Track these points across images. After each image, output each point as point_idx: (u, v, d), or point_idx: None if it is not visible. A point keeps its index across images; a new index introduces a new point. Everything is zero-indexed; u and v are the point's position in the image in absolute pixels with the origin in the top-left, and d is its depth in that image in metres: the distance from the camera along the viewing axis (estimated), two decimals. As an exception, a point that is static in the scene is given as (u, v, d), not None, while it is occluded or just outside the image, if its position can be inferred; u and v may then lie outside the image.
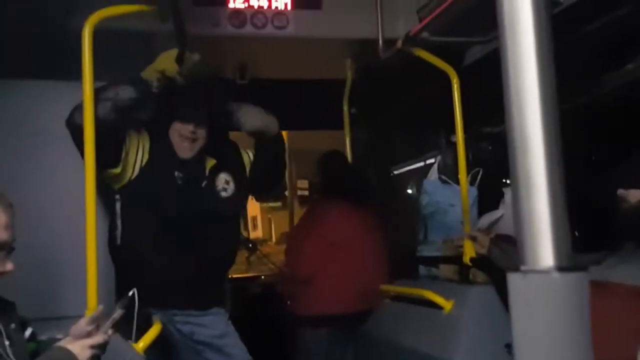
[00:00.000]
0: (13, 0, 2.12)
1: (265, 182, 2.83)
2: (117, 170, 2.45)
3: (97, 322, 1.73)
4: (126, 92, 2.26)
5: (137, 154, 2.50)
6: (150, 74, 2.31)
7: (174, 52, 2.28)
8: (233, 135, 2.91)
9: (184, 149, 2.55)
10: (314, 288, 3.22)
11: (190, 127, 2.53)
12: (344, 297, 3.17)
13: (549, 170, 0.68)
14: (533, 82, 0.69)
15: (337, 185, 3.35)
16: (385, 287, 3.14)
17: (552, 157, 0.68)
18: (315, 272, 3.22)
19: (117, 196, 2.49)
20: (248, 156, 2.77)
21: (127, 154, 2.47)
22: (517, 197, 0.69)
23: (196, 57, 2.36)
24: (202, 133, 2.56)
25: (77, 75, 2.11)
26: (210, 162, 2.64)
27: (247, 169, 2.75)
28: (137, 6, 2.16)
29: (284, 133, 3.04)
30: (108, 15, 2.10)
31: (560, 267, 0.67)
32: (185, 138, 2.54)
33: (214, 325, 2.62)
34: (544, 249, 0.68)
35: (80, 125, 2.12)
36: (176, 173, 2.54)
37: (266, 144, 2.70)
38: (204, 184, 2.60)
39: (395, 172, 4.41)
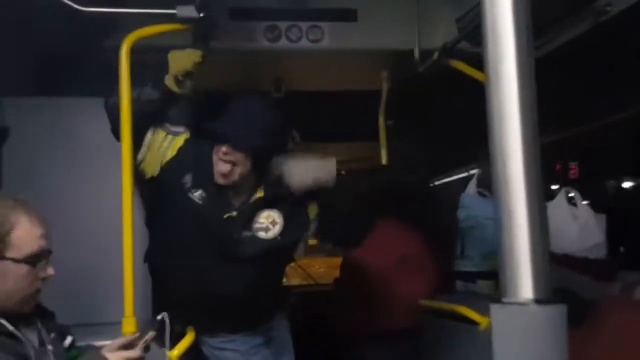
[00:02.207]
0: (58, 24, 2.26)
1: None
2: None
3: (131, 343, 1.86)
4: (146, 95, 2.23)
5: (159, 150, 2.34)
6: (169, 78, 2.28)
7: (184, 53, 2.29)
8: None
9: (218, 172, 2.29)
10: (381, 302, 3.26)
11: (223, 148, 2.27)
12: (408, 311, 3.21)
13: (530, 208, 0.73)
14: (515, 126, 0.75)
15: (394, 202, 3.37)
16: (423, 302, 3.18)
17: (533, 194, 0.74)
18: (384, 285, 3.26)
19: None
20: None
21: (149, 148, 2.34)
22: (499, 231, 0.75)
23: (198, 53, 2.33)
24: (240, 158, 2.27)
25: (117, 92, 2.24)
26: (259, 194, 2.38)
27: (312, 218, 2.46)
28: (173, 25, 2.28)
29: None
30: (145, 34, 2.22)
31: (539, 300, 0.72)
32: (219, 159, 2.28)
33: (240, 348, 2.51)
34: (523, 281, 0.73)
35: (110, 107, 2.21)
36: (200, 191, 2.32)
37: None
38: (234, 214, 2.35)
39: (434, 184, 4.45)
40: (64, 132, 2.52)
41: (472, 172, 4.21)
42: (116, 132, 2.22)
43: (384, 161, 3.61)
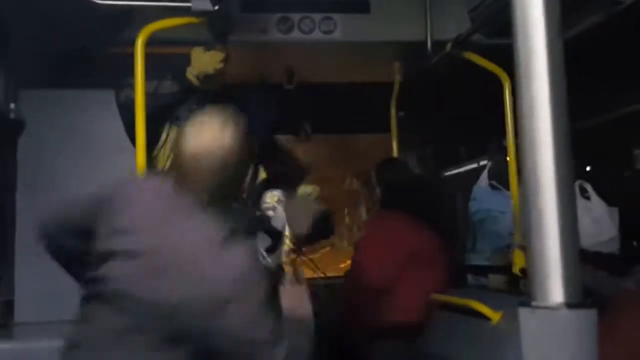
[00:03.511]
0: (75, 17, 2.28)
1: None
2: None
3: None
4: (165, 88, 2.32)
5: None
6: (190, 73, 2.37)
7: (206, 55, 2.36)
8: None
9: None
10: (390, 297, 3.28)
11: None
12: (418, 306, 3.22)
13: (561, 208, 0.74)
14: (546, 125, 0.76)
15: (405, 195, 3.38)
16: (434, 296, 3.19)
17: (564, 194, 0.75)
18: (393, 280, 3.28)
19: None
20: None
21: (163, 144, 2.47)
22: (529, 234, 0.76)
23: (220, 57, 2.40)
24: None
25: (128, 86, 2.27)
26: (263, 175, 2.59)
27: None
28: (188, 18, 2.30)
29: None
30: (160, 28, 2.24)
31: (570, 304, 0.74)
32: None
33: None
34: (553, 284, 0.74)
35: (122, 104, 2.26)
36: None
37: None
38: (244, 196, 2.47)
39: (445, 175, 4.45)
40: (79, 125, 2.55)
41: (482, 163, 4.24)
42: (130, 130, 2.24)
43: (395, 153, 3.64)
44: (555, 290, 0.74)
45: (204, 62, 2.32)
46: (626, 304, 2.06)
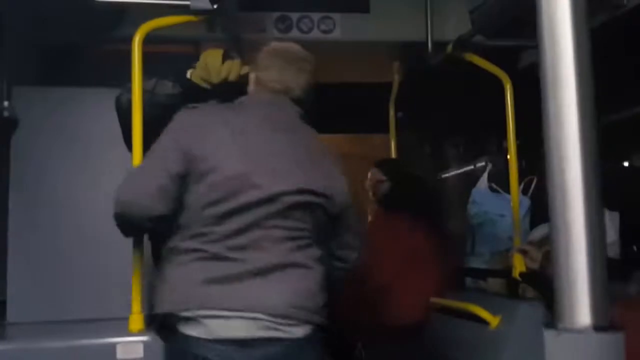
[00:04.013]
0: (71, 14, 2.24)
1: None
2: None
3: None
4: (164, 88, 2.25)
5: None
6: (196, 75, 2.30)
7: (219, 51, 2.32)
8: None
9: None
10: (390, 297, 3.25)
11: None
12: (417, 307, 3.20)
13: (589, 223, 0.71)
14: (574, 132, 0.73)
15: (406, 196, 3.35)
16: (432, 299, 3.17)
17: (592, 213, 0.72)
18: (393, 280, 3.25)
19: None
20: None
21: None
22: (556, 253, 0.73)
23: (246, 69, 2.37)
24: None
25: (120, 84, 2.23)
26: None
27: None
28: (186, 17, 2.26)
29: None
30: (158, 26, 2.20)
31: (598, 327, 0.70)
32: None
33: None
34: (581, 306, 0.71)
35: (121, 107, 2.21)
36: None
37: None
38: None
39: (443, 176, 4.44)
40: (74, 123, 2.52)
41: (480, 165, 4.23)
42: (128, 140, 2.20)
43: (393, 153, 3.61)
44: (582, 312, 0.71)
45: (219, 68, 2.27)
46: (627, 311, 2.04)
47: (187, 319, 1.85)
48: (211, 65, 2.21)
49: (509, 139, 2.85)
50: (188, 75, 2.25)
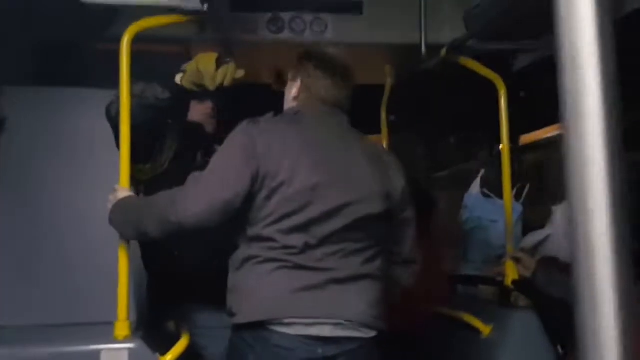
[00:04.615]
0: (59, 13, 2.19)
1: None
2: (146, 165, 2.45)
3: None
4: (152, 92, 2.26)
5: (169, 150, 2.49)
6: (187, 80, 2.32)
7: (212, 56, 2.30)
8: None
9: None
10: None
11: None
12: (406, 316, 3.15)
13: (613, 238, 0.66)
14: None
15: None
16: (425, 306, 3.13)
17: (617, 220, 0.66)
18: None
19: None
20: None
21: (161, 152, 2.47)
22: (577, 280, 0.68)
23: (240, 73, 2.36)
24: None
25: (115, 84, 2.18)
26: None
27: None
28: (177, 17, 2.22)
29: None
30: (147, 26, 2.16)
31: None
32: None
33: None
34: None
35: (112, 117, 2.21)
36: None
37: None
38: None
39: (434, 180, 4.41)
40: (63, 124, 2.47)
41: (468, 168, 4.21)
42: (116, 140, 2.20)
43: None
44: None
45: (220, 74, 2.26)
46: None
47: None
48: (205, 71, 2.18)
49: (503, 144, 2.82)
50: (178, 80, 2.21)
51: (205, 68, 2.20)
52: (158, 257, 2.53)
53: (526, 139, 3.66)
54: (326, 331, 1.94)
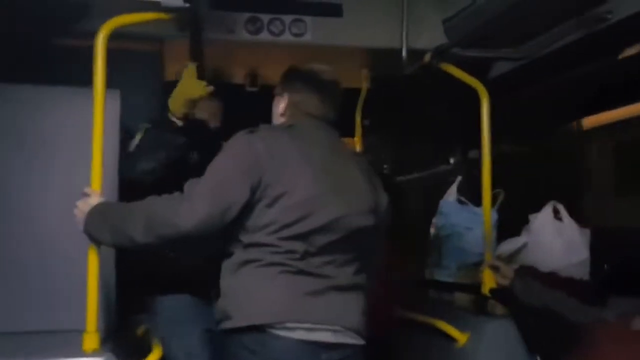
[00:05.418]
0: (28, 6, 2.07)
1: None
2: None
3: None
4: (149, 161, 2.38)
5: None
6: (176, 106, 2.33)
7: (193, 72, 2.26)
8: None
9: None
10: None
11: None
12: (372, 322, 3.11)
13: None
14: None
15: None
16: (397, 312, 3.09)
17: None
18: None
19: None
20: None
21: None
22: None
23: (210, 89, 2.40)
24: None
25: (89, 82, 2.08)
26: None
27: None
28: (154, 14, 2.12)
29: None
30: (124, 23, 2.07)
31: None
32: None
33: None
34: None
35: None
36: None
37: None
38: None
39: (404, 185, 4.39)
40: (30, 123, 2.32)
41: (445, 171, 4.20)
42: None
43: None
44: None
45: (190, 87, 2.30)
46: (604, 338, 2.00)
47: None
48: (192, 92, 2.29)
49: (483, 151, 2.79)
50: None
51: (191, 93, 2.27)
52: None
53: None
54: (328, 337, 1.95)
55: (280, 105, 2.18)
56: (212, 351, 2.45)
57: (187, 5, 2.09)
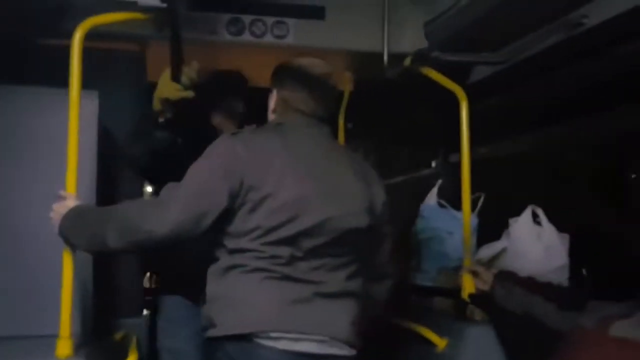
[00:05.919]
0: (9, 6, 2.04)
1: None
2: None
3: None
4: (135, 149, 2.35)
5: None
6: (156, 104, 2.30)
7: (167, 74, 2.25)
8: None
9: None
10: None
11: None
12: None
13: None
14: None
15: None
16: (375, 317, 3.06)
17: None
18: None
19: None
20: None
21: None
22: None
23: (195, 65, 2.29)
24: None
25: (65, 83, 2.05)
26: None
27: None
28: (132, 14, 2.09)
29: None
30: (101, 22, 2.03)
31: None
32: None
33: None
34: None
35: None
36: None
37: None
38: None
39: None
40: (5, 124, 2.29)
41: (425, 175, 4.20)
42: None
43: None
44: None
45: (167, 88, 2.24)
46: (582, 344, 1.98)
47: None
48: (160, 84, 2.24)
49: (463, 155, 2.78)
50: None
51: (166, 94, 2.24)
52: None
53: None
54: (313, 348, 1.89)
55: (271, 102, 2.14)
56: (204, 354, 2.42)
57: (164, 5, 2.06)
